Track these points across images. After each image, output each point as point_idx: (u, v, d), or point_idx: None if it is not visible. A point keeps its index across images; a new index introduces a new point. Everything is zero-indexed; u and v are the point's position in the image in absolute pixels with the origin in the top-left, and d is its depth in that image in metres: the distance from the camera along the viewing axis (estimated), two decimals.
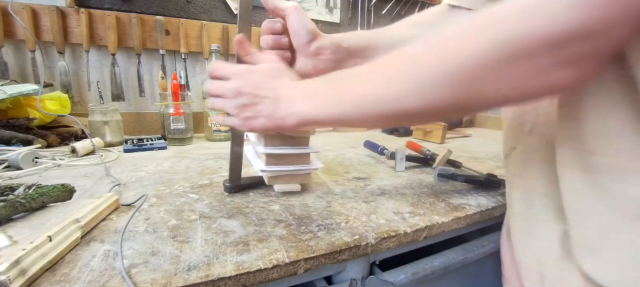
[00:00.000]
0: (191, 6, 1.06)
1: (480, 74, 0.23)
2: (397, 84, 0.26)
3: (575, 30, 0.19)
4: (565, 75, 0.21)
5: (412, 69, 0.26)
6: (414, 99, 0.26)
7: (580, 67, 0.21)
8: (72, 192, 0.46)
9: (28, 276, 0.27)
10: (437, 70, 0.24)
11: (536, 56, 0.21)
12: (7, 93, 0.73)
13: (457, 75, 0.23)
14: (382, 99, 0.27)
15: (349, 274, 0.42)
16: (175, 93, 0.87)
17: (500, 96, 0.24)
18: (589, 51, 0.20)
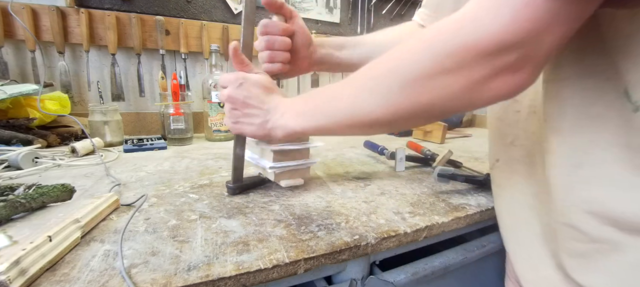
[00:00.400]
0: (191, 6, 1.06)
1: (423, 84, 0.25)
2: (362, 95, 0.29)
3: (505, 41, 0.21)
4: (504, 83, 0.22)
5: (372, 81, 0.28)
6: (376, 108, 0.28)
7: (517, 74, 0.22)
8: (72, 192, 0.46)
9: (28, 276, 0.27)
10: (387, 81, 0.27)
11: (471, 67, 0.22)
12: (7, 93, 0.73)
13: (405, 86, 0.25)
14: (353, 111, 0.30)
15: (349, 274, 0.42)
16: (175, 93, 0.87)
17: (449, 104, 0.25)
18: (523, 58, 0.21)
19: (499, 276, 0.51)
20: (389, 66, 0.27)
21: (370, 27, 1.37)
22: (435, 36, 0.24)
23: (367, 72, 0.30)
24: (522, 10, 0.20)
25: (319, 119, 0.34)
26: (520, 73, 0.22)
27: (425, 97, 0.25)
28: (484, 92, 0.23)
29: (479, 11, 0.22)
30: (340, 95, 0.32)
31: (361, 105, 0.29)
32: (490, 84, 0.23)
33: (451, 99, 0.25)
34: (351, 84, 0.31)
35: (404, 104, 0.27)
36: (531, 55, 0.21)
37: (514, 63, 0.22)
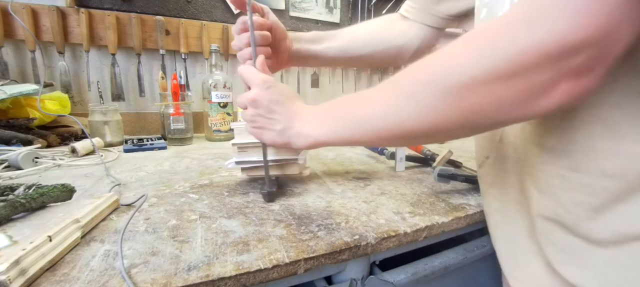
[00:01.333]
0: (191, 6, 1.06)
1: (473, 92, 0.22)
2: (399, 102, 0.26)
3: (573, 41, 0.18)
4: (567, 89, 0.20)
5: (411, 86, 0.25)
6: (416, 117, 0.25)
7: (583, 78, 0.20)
8: (72, 192, 0.46)
9: (28, 276, 0.27)
10: (430, 88, 0.24)
11: (531, 72, 0.20)
12: (7, 93, 0.73)
13: (451, 94, 0.22)
14: (387, 119, 0.27)
15: (349, 274, 0.42)
16: (175, 93, 0.87)
17: (500, 115, 0.22)
18: (591, 60, 0.19)
19: (499, 276, 0.51)
20: (432, 70, 0.24)
21: None
22: (489, 37, 0.21)
23: (405, 76, 0.26)
24: (593, 5, 0.17)
25: (347, 127, 0.30)
26: (587, 78, 0.19)
27: (474, 107, 0.22)
28: (543, 101, 0.20)
29: (542, 8, 0.19)
30: (373, 101, 0.28)
31: (397, 113, 0.26)
32: (551, 92, 0.20)
33: (504, 108, 0.22)
34: (386, 89, 0.28)
35: (448, 114, 0.23)
36: (600, 56, 0.19)
37: (580, 66, 0.19)
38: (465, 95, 0.22)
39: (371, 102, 0.29)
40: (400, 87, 0.26)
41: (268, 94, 0.38)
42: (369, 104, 0.29)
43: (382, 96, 0.28)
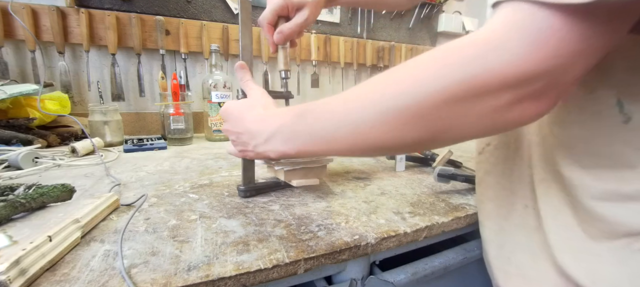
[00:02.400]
0: (191, 6, 1.06)
1: (437, 110, 0.22)
2: (365, 116, 0.25)
3: (530, 71, 0.19)
4: (526, 110, 0.21)
5: (377, 104, 0.25)
6: (382, 132, 0.25)
7: (540, 101, 0.21)
8: (72, 192, 0.46)
9: (28, 276, 0.27)
10: (395, 104, 0.24)
11: (491, 94, 0.21)
12: (7, 93, 0.73)
13: (416, 111, 0.23)
14: (355, 134, 0.26)
15: (349, 274, 0.42)
16: (175, 93, 0.87)
17: (465, 131, 0.23)
18: (548, 86, 0.20)
19: None
20: (397, 88, 0.24)
21: (370, 27, 1.37)
22: (452, 59, 0.22)
23: (371, 90, 0.26)
24: (549, 41, 0.19)
25: (316, 143, 0.29)
26: (544, 100, 0.21)
27: (438, 124, 0.23)
28: (503, 119, 0.22)
29: (504, 37, 0.20)
30: (339, 114, 0.27)
31: (363, 129, 0.25)
32: (511, 112, 0.21)
33: (467, 126, 0.23)
34: (353, 102, 0.27)
35: (414, 130, 0.24)
36: (556, 83, 0.20)
37: (538, 91, 0.20)
38: (430, 113, 0.22)
39: (338, 117, 0.27)
40: (367, 101, 0.26)
41: (229, 125, 0.40)
42: (336, 119, 0.28)
43: (348, 108, 0.27)
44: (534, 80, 0.20)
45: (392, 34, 1.43)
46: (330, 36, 1.28)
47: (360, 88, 0.27)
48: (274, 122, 0.33)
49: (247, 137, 0.37)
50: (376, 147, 0.26)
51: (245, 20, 0.46)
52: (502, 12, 0.21)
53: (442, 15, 1.50)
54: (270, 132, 0.33)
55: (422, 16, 1.47)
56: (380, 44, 1.37)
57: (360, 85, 0.27)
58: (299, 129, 0.30)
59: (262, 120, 0.35)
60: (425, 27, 1.51)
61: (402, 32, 1.46)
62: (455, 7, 1.55)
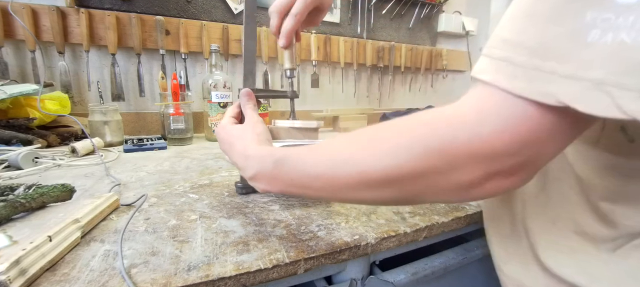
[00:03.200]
0: (191, 6, 1.06)
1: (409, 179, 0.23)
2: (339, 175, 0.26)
3: (500, 150, 0.20)
4: (496, 185, 0.22)
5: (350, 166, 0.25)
6: (349, 191, 0.25)
7: (511, 178, 0.22)
8: (72, 192, 0.46)
9: (28, 276, 0.27)
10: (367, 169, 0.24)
11: (462, 169, 0.21)
12: (7, 93, 0.73)
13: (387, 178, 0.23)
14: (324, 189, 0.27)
15: (349, 274, 0.42)
16: (175, 93, 0.87)
17: (436, 199, 0.24)
18: (518, 165, 0.21)
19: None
20: (367, 153, 0.24)
21: (370, 27, 1.37)
22: (426, 132, 0.22)
23: (342, 150, 0.26)
24: (521, 124, 0.19)
25: (296, 191, 0.30)
26: (514, 177, 0.22)
27: (409, 191, 0.24)
28: (474, 192, 0.22)
29: (475, 116, 0.21)
30: (313, 168, 0.27)
31: (336, 185, 0.26)
32: (481, 186, 0.22)
33: (440, 194, 0.23)
34: (325, 159, 0.27)
35: (384, 194, 0.24)
36: (526, 162, 0.21)
37: (508, 169, 0.21)
38: (402, 182, 0.23)
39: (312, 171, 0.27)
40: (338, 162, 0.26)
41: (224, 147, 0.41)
42: (310, 171, 0.28)
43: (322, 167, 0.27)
44: (505, 160, 0.20)
45: (392, 34, 1.43)
46: (330, 36, 1.28)
47: (333, 145, 0.27)
48: (255, 165, 0.33)
49: (241, 159, 0.36)
50: (350, 201, 0.28)
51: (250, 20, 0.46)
52: (478, 93, 0.21)
53: (442, 15, 1.50)
54: (253, 173, 0.33)
55: (422, 16, 1.47)
56: (380, 44, 1.37)
57: (334, 141, 0.27)
58: (277, 175, 0.31)
59: (245, 158, 0.35)
60: (425, 27, 1.51)
61: (402, 32, 1.46)
62: (455, 7, 1.55)
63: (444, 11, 1.51)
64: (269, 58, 1.16)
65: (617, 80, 0.16)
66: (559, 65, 0.18)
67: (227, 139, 0.40)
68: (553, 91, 0.18)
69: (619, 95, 0.16)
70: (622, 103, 0.16)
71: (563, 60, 0.18)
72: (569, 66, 0.17)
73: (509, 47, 0.20)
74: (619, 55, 0.16)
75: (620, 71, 0.16)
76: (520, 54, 0.19)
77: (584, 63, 0.17)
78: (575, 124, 0.20)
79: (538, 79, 0.18)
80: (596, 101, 0.17)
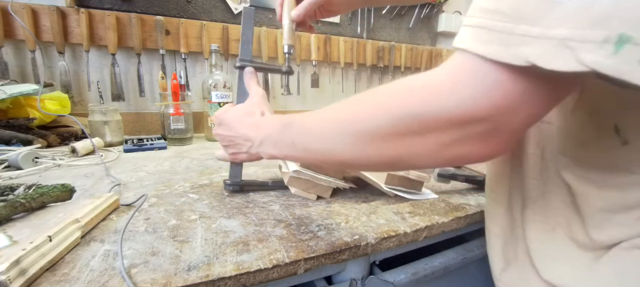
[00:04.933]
0: (191, 6, 1.06)
1: (389, 141, 0.25)
2: (333, 138, 0.29)
3: (474, 114, 0.21)
4: (472, 149, 0.23)
5: (341, 126, 0.28)
6: (346, 153, 0.28)
7: (486, 143, 0.23)
8: (72, 192, 0.46)
9: (28, 276, 0.27)
10: (354, 130, 0.27)
11: (439, 132, 0.23)
12: (7, 93, 0.73)
13: (371, 139, 0.26)
14: (326, 151, 0.30)
15: (349, 274, 0.42)
16: (175, 93, 0.87)
17: (415, 162, 0.26)
18: (493, 131, 0.22)
19: None
20: (356, 116, 0.27)
21: (370, 27, 1.37)
22: (402, 97, 0.24)
23: (338, 115, 0.29)
24: (493, 89, 0.20)
25: (298, 153, 0.33)
26: (490, 143, 0.23)
27: (390, 153, 0.25)
28: (451, 155, 0.24)
29: (451, 82, 0.22)
30: (314, 132, 0.31)
31: (333, 148, 0.29)
32: (458, 149, 0.23)
33: (417, 157, 0.25)
34: (324, 122, 0.30)
35: (370, 155, 0.26)
36: (501, 129, 0.22)
37: (483, 134, 0.22)
38: (383, 143, 0.25)
39: (313, 134, 0.31)
40: (334, 125, 0.29)
41: (222, 129, 0.43)
42: (312, 135, 0.31)
43: (321, 128, 0.30)
44: (478, 123, 0.21)
45: (392, 34, 1.43)
46: (330, 36, 1.28)
47: (332, 110, 0.30)
48: (265, 130, 0.38)
49: (242, 140, 0.40)
50: (343, 162, 0.30)
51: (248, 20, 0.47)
52: (455, 60, 0.22)
53: (442, 15, 1.50)
54: (262, 138, 0.38)
55: (422, 16, 1.46)
56: (380, 44, 1.37)
57: (330, 107, 0.30)
58: (283, 139, 0.35)
59: (257, 126, 0.39)
60: (425, 27, 1.51)
61: (402, 32, 1.46)
62: (455, 7, 1.55)
63: (444, 11, 1.51)
64: (269, 58, 1.16)
65: (579, 34, 0.17)
66: (531, 27, 0.18)
67: (231, 120, 0.42)
68: (523, 53, 0.18)
69: (579, 48, 0.17)
70: (582, 56, 0.17)
71: (534, 22, 0.18)
72: (539, 27, 0.18)
73: (486, 15, 0.21)
74: (582, 11, 0.17)
75: (583, 26, 0.17)
76: (496, 20, 0.20)
77: (551, 22, 0.18)
78: (546, 88, 0.20)
79: (511, 43, 0.19)
80: (558, 57, 0.17)
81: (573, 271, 0.29)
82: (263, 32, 1.12)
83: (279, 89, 1.25)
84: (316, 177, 0.49)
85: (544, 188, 0.33)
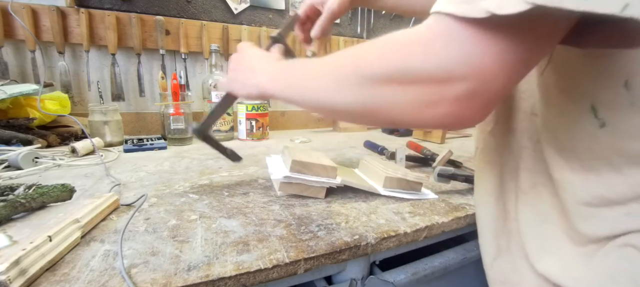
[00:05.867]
0: (191, 6, 1.06)
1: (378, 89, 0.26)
2: (325, 83, 0.31)
3: (451, 73, 0.22)
4: (450, 110, 0.24)
5: (331, 72, 0.30)
6: (333, 99, 0.30)
7: (464, 106, 0.23)
8: (72, 192, 0.46)
9: (28, 276, 0.27)
10: (343, 76, 0.29)
11: (419, 86, 0.24)
12: (7, 93, 0.73)
13: (356, 85, 0.27)
14: (318, 95, 0.31)
15: (349, 274, 0.42)
16: (175, 93, 0.87)
17: (395, 115, 0.27)
18: (470, 93, 0.23)
19: None
20: (342, 62, 0.30)
21: (370, 27, 1.37)
22: (390, 49, 0.26)
23: (333, 62, 0.31)
24: (466, 47, 0.22)
25: (292, 93, 0.35)
26: (467, 107, 0.23)
27: (373, 102, 0.27)
28: (429, 112, 0.25)
29: (431, 40, 0.23)
30: (311, 75, 0.33)
31: (324, 93, 0.31)
32: (437, 108, 0.24)
33: (397, 111, 0.26)
34: (320, 68, 0.32)
35: (353, 103, 0.28)
36: (478, 91, 0.23)
37: (461, 95, 0.23)
38: (367, 90, 0.26)
39: (309, 78, 0.33)
40: (328, 71, 0.31)
41: (238, 55, 0.46)
42: (308, 78, 0.33)
43: (317, 73, 0.32)
44: (456, 81, 0.22)
45: None
46: (330, 36, 1.28)
47: (327, 58, 0.32)
48: (269, 65, 0.41)
49: (246, 68, 0.43)
50: (332, 112, 0.32)
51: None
52: (431, 21, 0.24)
53: None
54: (264, 69, 0.41)
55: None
56: None
57: (329, 56, 0.32)
58: (281, 75, 0.38)
59: (265, 61, 0.42)
60: None
61: None
62: None
63: None
64: None
65: None
66: None
67: (250, 51, 0.45)
68: (484, 5, 0.20)
69: None
70: None
71: None
72: None
73: None
74: None
75: None
76: None
77: None
78: (515, 44, 0.21)
79: (474, 0, 0.21)
80: (509, 2, 0.19)
81: (565, 264, 0.29)
82: (263, 32, 1.12)
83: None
84: (307, 180, 0.49)
85: (534, 180, 0.33)
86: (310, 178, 0.49)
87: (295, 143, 0.99)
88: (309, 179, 0.49)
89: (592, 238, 0.28)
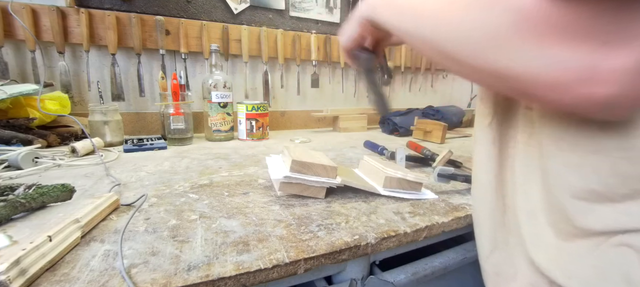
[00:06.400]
0: (191, 6, 1.06)
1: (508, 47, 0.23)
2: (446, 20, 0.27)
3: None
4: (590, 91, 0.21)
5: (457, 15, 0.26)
6: (451, 43, 0.27)
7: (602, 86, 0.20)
8: (72, 192, 0.46)
9: (28, 276, 0.27)
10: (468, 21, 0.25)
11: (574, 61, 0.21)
12: (7, 93, 0.73)
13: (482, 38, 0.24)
14: (434, 34, 0.28)
15: (349, 274, 0.42)
16: (175, 93, 0.87)
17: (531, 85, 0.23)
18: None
19: None
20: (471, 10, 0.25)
21: None
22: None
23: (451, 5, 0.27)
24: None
25: (396, 17, 0.33)
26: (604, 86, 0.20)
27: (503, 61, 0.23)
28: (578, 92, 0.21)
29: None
30: (425, 13, 0.29)
31: (443, 32, 0.27)
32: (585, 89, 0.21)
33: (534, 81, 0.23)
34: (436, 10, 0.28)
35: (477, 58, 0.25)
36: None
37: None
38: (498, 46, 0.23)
39: (424, 14, 0.29)
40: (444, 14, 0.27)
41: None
42: (421, 15, 0.30)
43: (438, 6, 0.28)
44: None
45: None
46: (331, 36, 1.28)
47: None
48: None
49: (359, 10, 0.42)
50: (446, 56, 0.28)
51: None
52: None
53: None
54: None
55: None
56: None
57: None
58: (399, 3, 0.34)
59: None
60: None
61: None
62: None
63: None
64: (269, 58, 1.16)
65: None
66: None
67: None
68: None
69: None
70: None
71: None
72: None
73: None
74: None
75: None
76: None
77: None
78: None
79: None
80: None
81: (556, 258, 0.29)
82: (263, 32, 1.12)
83: (279, 89, 1.25)
84: (307, 180, 0.49)
85: (529, 172, 0.33)
86: (310, 178, 0.49)
87: (295, 143, 0.99)
88: (309, 179, 0.49)
89: (585, 233, 0.27)
